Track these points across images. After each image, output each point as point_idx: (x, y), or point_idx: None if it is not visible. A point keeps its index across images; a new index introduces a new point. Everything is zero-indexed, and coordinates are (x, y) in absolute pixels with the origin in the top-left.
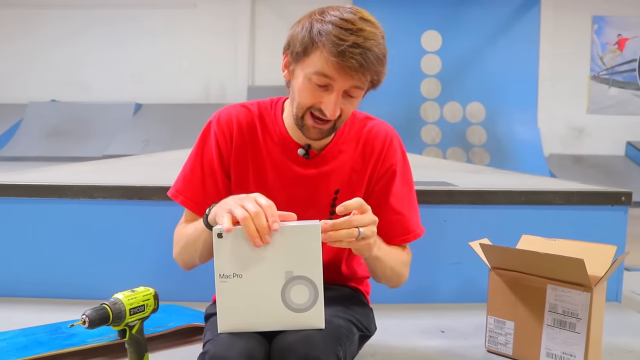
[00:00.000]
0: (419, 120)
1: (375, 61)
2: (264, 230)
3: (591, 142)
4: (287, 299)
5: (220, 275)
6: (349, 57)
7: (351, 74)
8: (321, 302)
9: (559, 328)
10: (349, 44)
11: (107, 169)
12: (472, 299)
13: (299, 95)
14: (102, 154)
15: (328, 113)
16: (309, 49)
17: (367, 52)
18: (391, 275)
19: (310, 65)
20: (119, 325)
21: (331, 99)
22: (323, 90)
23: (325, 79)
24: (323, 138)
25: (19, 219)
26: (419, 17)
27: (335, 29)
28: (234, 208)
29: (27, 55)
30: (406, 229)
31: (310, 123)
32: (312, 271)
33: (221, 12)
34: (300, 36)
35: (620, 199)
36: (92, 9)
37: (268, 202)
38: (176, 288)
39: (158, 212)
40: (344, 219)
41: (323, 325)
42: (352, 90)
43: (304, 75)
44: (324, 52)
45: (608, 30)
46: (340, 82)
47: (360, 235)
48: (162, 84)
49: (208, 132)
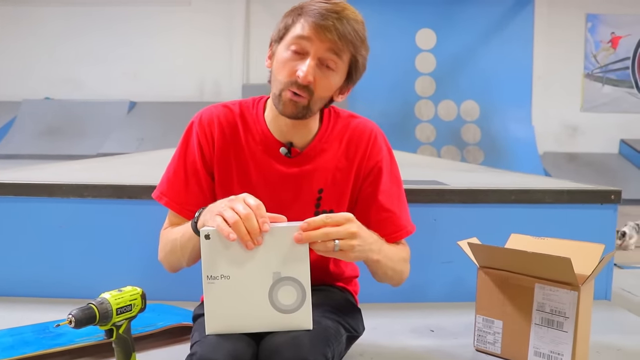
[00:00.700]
0: (414, 118)
1: (353, 32)
2: (255, 232)
3: (585, 140)
4: (275, 300)
5: (207, 276)
6: (325, 18)
7: (327, 35)
8: (309, 303)
9: (546, 327)
10: (327, 8)
11: (98, 167)
12: (462, 298)
13: (278, 70)
14: (97, 152)
15: (301, 75)
16: (289, 25)
17: (344, 19)
18: (392, 274)
19: (290, 36)
20: (105, 325)
21: (305, 63)
22: (299, 59)
23: (302, 40)
24: (297, 116)
25: (7, 217)
26: (413, 15)
27: (316, 3)
28: (223, 211)
29: (21, 52)
30: (397, 226)
31: (288, 96)
32: (300, 272)
33: (216, 10)
34: (284, 20)
35: (610, 197)
36: (87, 7)
37: (257, 202)
38: (164, 287)
39: (147, 211)
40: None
41: (311, 326)
42: (328, 59)
43: (284, 46)
44: (302, 19)
45: (602, 29)
46: (317, 44)
47: (336, 248)
48: (156, 81)
49: (190, 133)
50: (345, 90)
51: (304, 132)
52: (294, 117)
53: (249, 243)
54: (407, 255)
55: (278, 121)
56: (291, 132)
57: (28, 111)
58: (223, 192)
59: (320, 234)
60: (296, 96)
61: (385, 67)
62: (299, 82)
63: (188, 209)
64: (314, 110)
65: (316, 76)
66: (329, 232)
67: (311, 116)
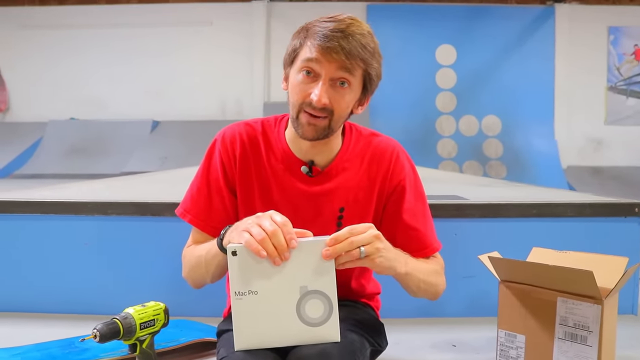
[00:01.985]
0: (435, 134)
1: (360, 48)
2: (282, 249)
3: (610, 154)
4: (303, 313)
5: (235, 292)
6: (330, 39)
7: (334, 56)
8: (336, 316)
9: (570, 341)
10: (331, 28)
11: (121, 186)
12: (483, 313)
13: (292, 94)
14: (120, 171)
15: (315, 98)
16: (297, 48)
17: (350, 36)
18: (426, 287)
19: (299, 60)
20: (129, 340)
21: (318, 86)
22: (312, 81)
23: (311, 63)
24: (319, 137)
25: (34, 235)
26: (433, 32)
27: (321, 24)
28: (251, 227)
29: (46, 73)
30: (423, 244)
31: (305, 119)
32: (326, 285)
33: (237, 29)
34: (292, 43)
35: (634, 210)
36: (110, 28)
37: (283, 219)
38: (187, 303)
39: (170, 228)
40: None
41: (339, 338)
42: (340, 77)
43: (295, 70)
44: (308, 41)
45: (624, 41)
46: (326, 65)
47: (362, 254)
48: (179, 101)
49: (213, 150)
50: (364, 101)
51: (325, 150)
52: (315, 139)
53: (277, 259)
54: (441, 267)
55: (299, 140)
56: (312, 151)
57: (54, 131)
58: (245, 209)
59: (346, 244)
60: (314, 118)
61: (406, 83)
62: (313, 105)
63: (212, 225)
64: (336, 129)
65: (331, 96)
66: (354, 241)
67: (332, 135)
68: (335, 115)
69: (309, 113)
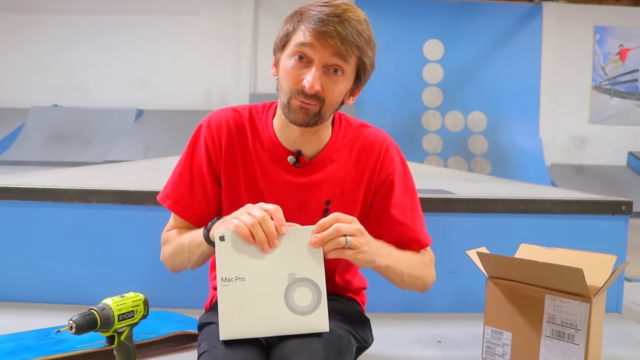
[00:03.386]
0: (421, 129)
1: (356, 34)
2: (272, 234)
3: (593, 152)
4: (291, 301)
5: (222, 278)
6: (326, 24)
7: (329, 41)
8: (324, 304)
9: (557, 339)
10: (327, 12)
11: (103, 173)
12: (470, 309)
13: (283, 79)
14: (104, 160)
15: (307, 85)
16: (290, 33)
17: (346, 22)
18: (411, 280)
19: (292, 45)
20: (107, 332)
21: (311, 72)
22: (304, 66)
23: (305, 48)
24: (309, 123)
25: (12, 222)
26: (421, 26)
27: (316, 8)
28: (240, 215)
29: (29, 60)
30: (412, 239)
31: (297, 103)
32: (315, 273)
33: (224, 19)
34: (285, 26)
35: (621, 208)
36: (95, 15)
37: (274, 207)
38: (168, 294)
39: (152, 217)
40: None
41: (327, 328)
42: (333, 64)
43: (287, 54)
44: (302, 25)
45: (610, 41)
46: (320, 50)
47: (347, 244)
48: (164, 90)
49: (198, 136)
50: (355, 91)
51: (313, 140)
52: (305, 125)
53: (265, 246)
54: (430, 259)
55: (287, 129)
56: (300, 141)
57: (36, 118)
58: (230, 197)
59: (332, 231)
60: (305, 102)
61: (393, 77)
62: (305, 92)
63: (192, 213)
64: (326, 117)
65: (323, 83)
66: (340, 228)
67: (322, 123)
68: (326, 103)
69: (301, 100)
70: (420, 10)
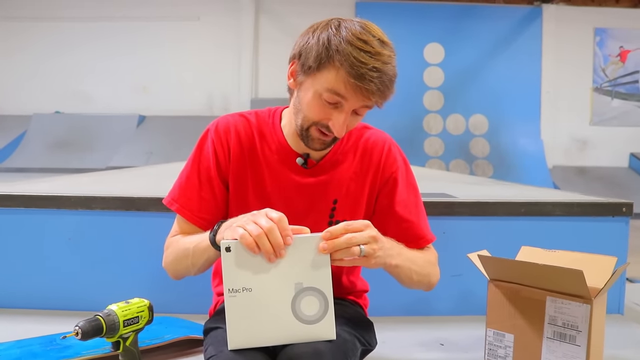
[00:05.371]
0: (422, 132)
1: (389, 84)
2: (278, 246)
3: (594, 154)
4: (298, 311)
5: (229, 290)
6: (368, 81)
7: (368, 96)
8: (331, 313)
9: (559, 341)
10: (369, 67)
11: (106, 180)
12: (471, 312)
13: (307, 109)
14: (106, 166)
15: (336, 131)
16: (323, 64)
17: (384, 75)
18: (419, 279)
19: (322, 81)
20: (112, 337)
21: (340, 118)
22: (332, 107)
23: (338, 97)
24: (324, 149)
25: (16, 229)
26: (421, 30)
27: (354, 50)
28: (246, 224)
29: (31, 67)
30: (416, 235)
31: (316, 135)
32: (322, 282)
33: (225, 25)
34: (315, 50)
35: (622, 209)
36: (96, 22)
37: (279, 215)
38: (173, 300)
39: (155, 223)
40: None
41: (334, 336)
42: (360, 109)
43: (315, 91)
44: (341, 71)
45: (610, 42)
46: (352, 102)
47: (362, 253)
48: (165, 96)
49: (205, 140)
50: None
51: None
52: (322, 150)
53: (272, 256)
54: (434, 258)
55: (296, 134)
56: None
57: (38, 125)
58: (237, 201)
59: (344, 241)
60: (324, 135)
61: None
62: (329, 129)
63: (200, 216)
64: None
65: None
66: (352, 238)
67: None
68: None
69: (321, 131)
70: (421, 14)
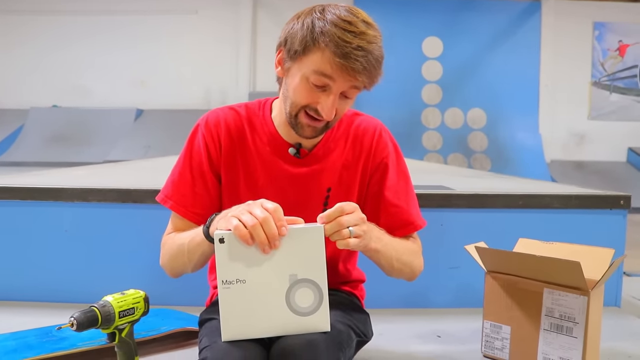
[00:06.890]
0: (420, 126)
1: (376, 64)
2: (273, 236)
3: (592, 148)
4: (292, 302)
5: (222, 281)
6: (353, 60)
7: (354, 75)
8: (326, 305)
9: (555, 332)
10: (354, 46)
11: (103, 172)
12: (469, 304)
13: (294, 94)
14: (103, 160)
15: (324, 114)
16: (309, 47)
17: (369, 54)
18: (400, 266)
19: (308, 64)
20: (108, 328)
21: (329, 100)
22: (320, 90)
23: (325, 78)
24: (316, 136)
25: (12, 222)
26: (420, 24)
27: (338, 31)
28: (240, 214)
29: (29, 60)
30: (405, 221)
31: (305, 121)
32: (316, 273)
33: (223, 19)
34: (300, 34)
35: (619, 202)
36: (94, 15)
37: (274, 205)
38: (169, 292)
39: (152, 215)
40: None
41: (329, 327)
42: (349, 91)
43: (301, 75)
44: (326, 52)
45: (609, 37)
46: (340, 82)
47: (351, 235)
48: (163, 89)
49: (195, 135)
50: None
51: None
52: (313, 137)
53: (267, 247)
54: (418, 247)
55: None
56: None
57: (36, 119)
58: (229, 194)
59: (335, 224)
60: (314, 120)
61: (392, 75)
62: (318, 112)
63: (194, 212)
64: (331, 126)
65: (337, 106)
66: (343, 221)
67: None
68: (336, 117)
69: (311, 116)
70: (419, 7)
